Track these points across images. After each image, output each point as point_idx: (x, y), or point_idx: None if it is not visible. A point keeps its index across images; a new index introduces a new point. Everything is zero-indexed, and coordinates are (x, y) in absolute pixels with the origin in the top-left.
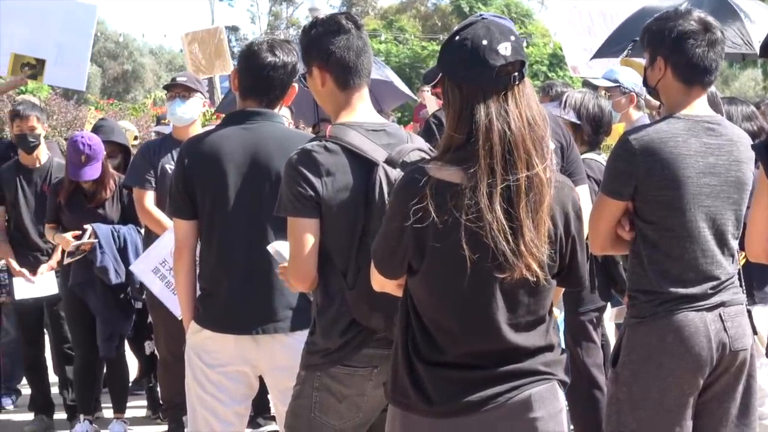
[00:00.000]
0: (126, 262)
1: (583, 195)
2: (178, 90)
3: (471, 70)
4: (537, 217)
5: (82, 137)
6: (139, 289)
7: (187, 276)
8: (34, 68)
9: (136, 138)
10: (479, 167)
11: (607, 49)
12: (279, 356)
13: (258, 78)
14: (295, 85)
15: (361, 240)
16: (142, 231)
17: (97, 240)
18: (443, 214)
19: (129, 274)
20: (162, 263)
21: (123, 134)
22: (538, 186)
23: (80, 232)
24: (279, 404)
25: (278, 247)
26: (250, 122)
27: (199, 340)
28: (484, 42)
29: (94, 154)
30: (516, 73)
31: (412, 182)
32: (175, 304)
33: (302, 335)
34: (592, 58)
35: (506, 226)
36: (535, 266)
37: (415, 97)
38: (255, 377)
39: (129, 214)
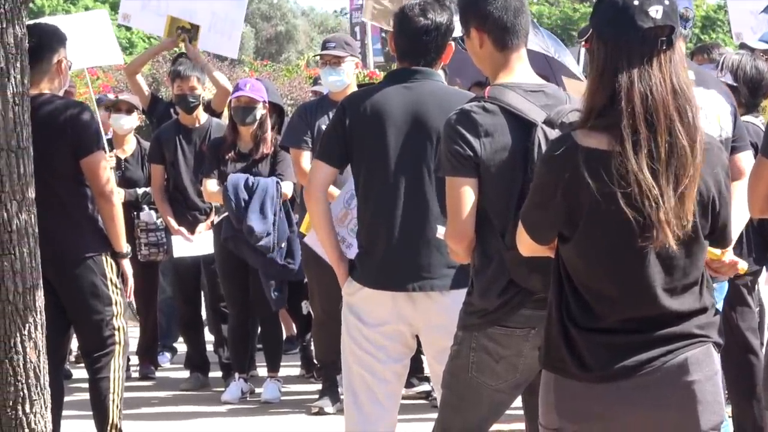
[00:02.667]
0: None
1: (747, 160)
2: (328, 58)
3: (617, 29)
4: (682, 182)
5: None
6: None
7: (326, 218)
8: (189, 32)
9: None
10: (624, 130)
11: None
12: (435, 315)
13: (413, 42)
14: (452, 43)
15: (519, 201)
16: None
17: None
18: (594, 182)
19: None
20: None
21: (278, 95)
22: (682, 153)
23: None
24: (435, 363)
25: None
26: (411, 81)
27: (356, 299)
28: (636, 2)
29: (256, 88)
30: (664, 38)
31: (559, 150)
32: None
33: (459, 295)
34: (761, 12)
35: (654, 191)
36: (683, 229)
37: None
38: (412, 336)
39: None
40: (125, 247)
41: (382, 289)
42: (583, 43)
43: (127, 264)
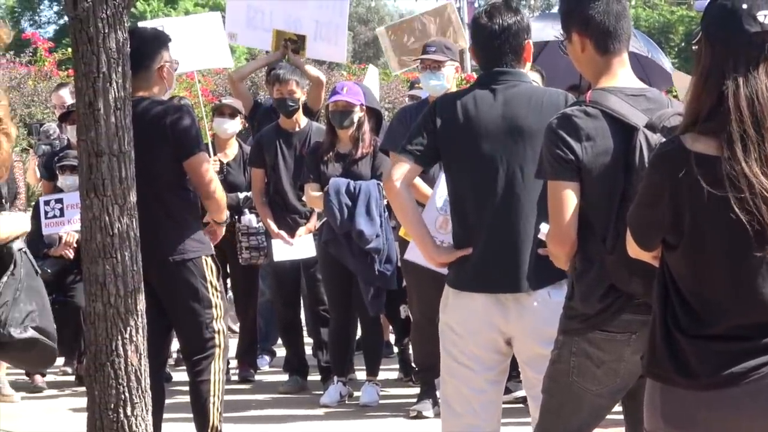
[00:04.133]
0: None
1: None
2: (428, 62)
3: (725, 31)
4: None
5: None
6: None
7: (412, 210)
8: (296, 43)
9: None
10: (732, 135)
11: None
12: (524, 318)
13: (487, 48)
14: (530, 41)
15: (620, 205)
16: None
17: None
18: (704, 188)
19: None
20: None
21: (375, 98)
22: None
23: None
24: (527, 369)
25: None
26: (499, 83)
27: (449, 309)
28: (744, 6)
29: (354, 91)
30: None
31: (668, 155)
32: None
33: (544, 295)
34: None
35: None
36: None
37: None
38: (505, 342)
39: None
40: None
41: (473, 291)
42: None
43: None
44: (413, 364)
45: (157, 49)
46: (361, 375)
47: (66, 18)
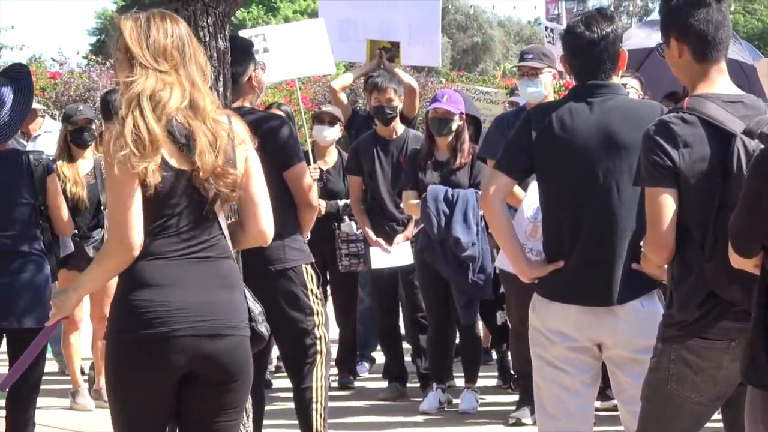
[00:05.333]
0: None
1: None
2: (526, 69)
3: None
4: None
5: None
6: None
7: (507, 226)
8: (390, 51)
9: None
10: None
11: None
12: (617, 328)
13: (584, 58)
14: (624, 49)
15: (718, 212)
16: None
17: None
18: None
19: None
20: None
21: (475, 106)
22: None
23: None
24: (619, 373)
25: None
26: (595, 96)
27: (540, 315)
28: None
29: (454, 99)
30: None
31: (767, 162)
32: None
33: (636, 305)
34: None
35: None
36: None
37: None
38: (596, 347)
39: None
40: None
41: (568, 302)
42: None
43: None
44: (512, 371)
45: (246, 58)
46: (459, 382)
47: None
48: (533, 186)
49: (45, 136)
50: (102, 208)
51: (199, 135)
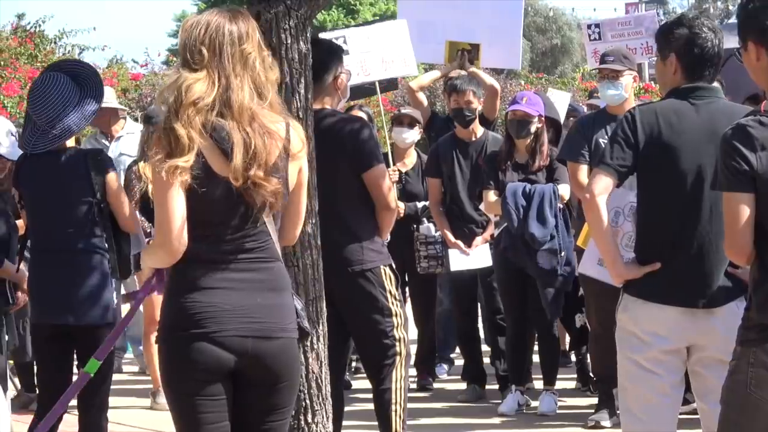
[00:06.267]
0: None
1: None
2: (606, 72)
3: None
4: None
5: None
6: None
7: (607, 228)
8: (470, 53)
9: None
10: None
11: None
12: (711, 329)
13: (704, 59)
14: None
15: None
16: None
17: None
18: None
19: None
20: None
21: (555, 109)
22: None
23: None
24: (706, 374)
25: None
26: (699, 98)
27: (633, 316)
28: None
29: (533, 102)
30: None
31: None
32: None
33: (730, 308)
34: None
35: None
36: None
37: None
38: (686, 350)
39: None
40: None
41: (668, 303)
42: None
43: None
44: (591, 374)
45: (332, 60)
46: (538, 384)
47: None
48: (617, 192)
49: (127, 138)
50: None
51: (236, 141)
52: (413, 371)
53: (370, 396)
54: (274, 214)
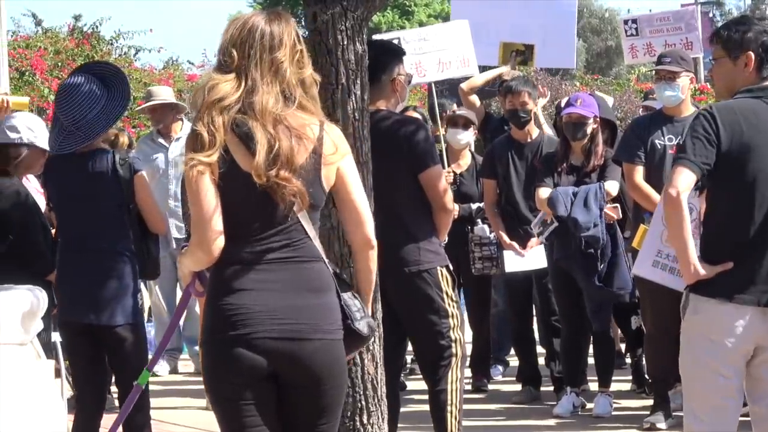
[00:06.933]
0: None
1: None
2: (663, 73)
3: None
4: None
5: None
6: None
7: (687, 225)
8: (523, 54)
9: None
10: None
11: None
12: None
13: None
14: None
15: None
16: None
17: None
18: None
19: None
20: (657, 254)
21: (610, 110)
22: None
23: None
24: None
25: None
26: None
27: (702, 316)
28: None
29: (587, 103)
30: None
31: None
32: (680, 284)
33: None
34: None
35: None
36: None
37: None
38: (752, 353)
39: None
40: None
41: (745, 303)
42: None
43: None
44: (646, 376)
45: (391, 61)
46: (594, 386)
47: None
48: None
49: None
50: None
51: (259, 139)
52: (468, 372)
53: (425, 397)
54: (311, 214)
